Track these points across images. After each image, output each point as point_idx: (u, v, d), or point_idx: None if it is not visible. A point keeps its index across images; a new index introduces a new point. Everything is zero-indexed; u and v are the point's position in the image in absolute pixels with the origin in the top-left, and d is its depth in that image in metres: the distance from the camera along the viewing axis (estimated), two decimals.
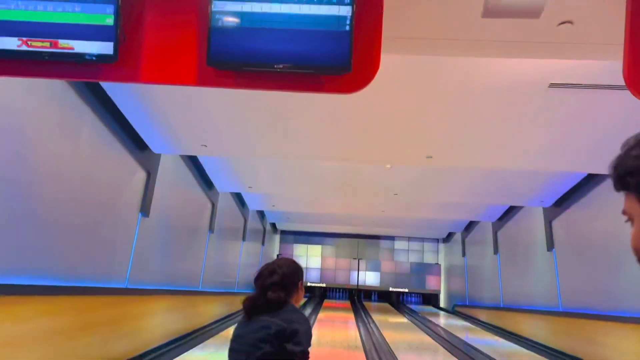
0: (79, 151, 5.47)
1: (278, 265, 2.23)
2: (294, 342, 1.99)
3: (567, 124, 5.74)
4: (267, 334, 2.02)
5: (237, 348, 2.11)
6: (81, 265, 5.69)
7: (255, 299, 2.15)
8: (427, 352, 9.66)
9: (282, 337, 2.00)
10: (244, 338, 2.09)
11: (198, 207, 10.55)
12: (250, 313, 2.14)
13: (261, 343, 2.01)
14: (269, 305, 2.10)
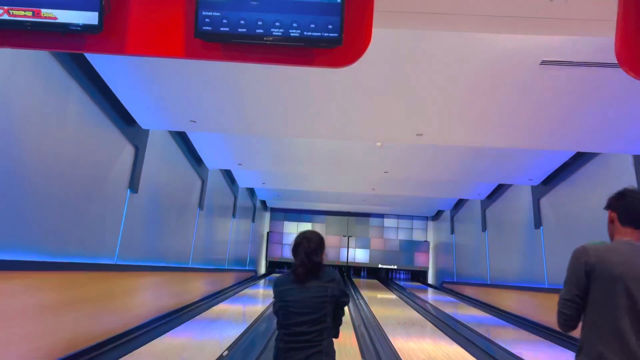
0: (66, 125, 5.38)
1: (310, 234, 2.77)
2: (344, 296, 2.73)
3: (558, 102, 5.74)
4: (326, 296, 2.63)
5: (299, 311, 2.61)
6: (69, 241, 5.65)
7: (305, 265, 2.64)
8: (415, 328, 9.82)
9: (336, 296, 2.67)
10: (305, 302, 2.61)
11: (187, 184, 10.50)
12: (304, 278, 2.63)
13: (323, 304, 2.62)
14: (314, 267, 2.65)
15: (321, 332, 2.62)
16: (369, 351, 6.96)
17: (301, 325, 2.60)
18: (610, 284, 2.04)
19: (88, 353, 5.65)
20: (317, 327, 2.60)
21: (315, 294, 2.62)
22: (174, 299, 9.51)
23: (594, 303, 2.08)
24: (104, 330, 6.31)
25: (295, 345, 2.60)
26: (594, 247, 2.17)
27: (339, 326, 2.78)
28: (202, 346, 6.83)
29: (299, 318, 2.60)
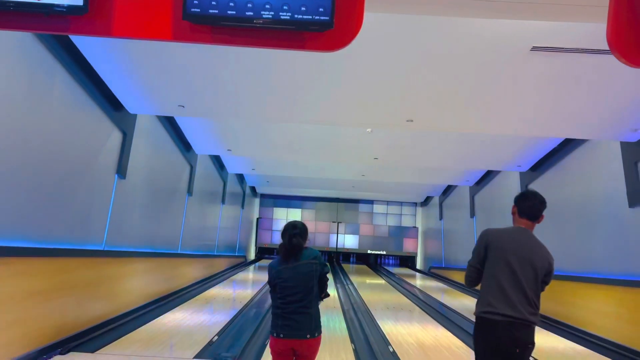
0: (51, 110, 5.29)
1: (296, 223, 3.26)
2: (325, 268, 3.26)
3: (548, 89, 5.75)
4: (312, 271, 3.16)
5: (292, 285, 3.13)
6: (56, 227, 5.60)
7: (286, 246, 3.16)
8: (403, 312, 9.92)
9: (321, 269, 3.21)
10: (296, 277, 3.14)
11: (176, 170, 10.42)
12: (286, 257, 3.17)
13: (310, 278, 3.16)
14: (294, 248, 3.15)
15: (310, 300, 3.15)
16: (357, 336, 7.02)
17: (294, 296, 3.13)
18: (498, 255, 2.92)
19: (77, 339, 5.63)
20: (306, 297, 3.14)
21: (304, 270, 3.15)
22: (163, 284, 9.50)
23: (487, 269, 2.95)
24: (93, 316, 6.29)
25: (290, 312, 3.13)
26: (494, 229, 3.08)
27: (325, 289, 3.30)
28: (192, 332, 6.84)
29: (292, 290, 3.13)
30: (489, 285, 2.91)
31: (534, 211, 3.07)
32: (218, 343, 6.11)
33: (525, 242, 3.00)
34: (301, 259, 3.16)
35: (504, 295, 2.84)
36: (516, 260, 2.89)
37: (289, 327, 3.11)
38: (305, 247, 3.23)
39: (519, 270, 2.87)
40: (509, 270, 2.87)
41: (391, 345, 6.42)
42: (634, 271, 6.91)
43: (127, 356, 5.22)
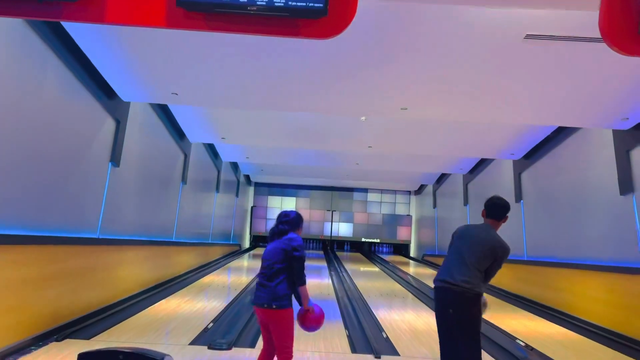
0: (43, 97, 5.26)
1: (291, 212, 3.71)
2: (294, 252, 3.48)
3: (542, 77, 5.77)
4: (279, 248, 3.51)
5: (266, 257, 3.57)
6: (50, 216, 5.59)
7: (273, 229, 3.66)
8: (396, 299, 10.01)
9: (288, 250, 3.48)
10: (270, 252, 3.56)
11: (170, 158, 10.40)
12: (270, 238, 3.65)
13: (277, 255, 3.50)
14: (279, 232, 3.60)
15: (271, 275, 3.45)
16: (352, 322, 7.09)
17: (264, 269, 3.54)
18: (456, 241, 3.76)
19: (72, 326, 5.66)
20: (269, 276, 3.47)
21: (276, 248, 3.53)
22: (158, 272, 9.53)
23: (447, 251, 3.83)
24: (88, 303, 6.32)
25: (257, 285, 3.54)
26: (464, 225, 3.96)
27: (296, 276, 3.47)
28: (187, 318, 6.88)
29: (264, 264, 3.56)
30: (444, 262, 3.78)
31: (499, 214, 3.74)
32: (213, 330, 6.16)
33: (479, 233, 3.69)
34: (281, 240, 3.56)
35: (446, 267, 3.67)
36: (464, 244, 3.66)
37: (255, 295, 3.51)
38: (294, 234, 3.60)
39: (465, 250, 3.62)
40: (457, 250, 3.68)
41: (384, 331, 6.50)
42: (625, 258, 7.01)
43: (122, 343, 5.26)
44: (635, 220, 6.92)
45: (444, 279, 3.60)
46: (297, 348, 5.30)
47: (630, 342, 6.39)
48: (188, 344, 5.39)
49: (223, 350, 5.03)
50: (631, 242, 6.93)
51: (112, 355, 2.67)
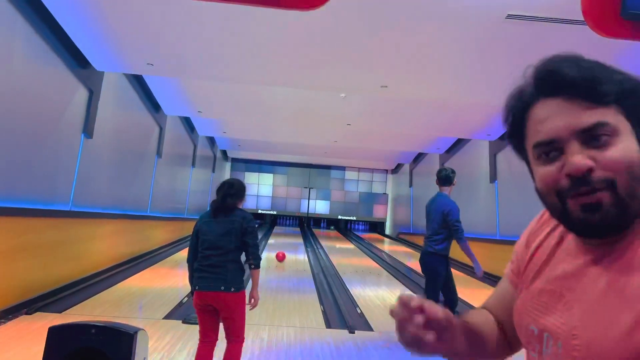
0: (12, 65, 5.05)
1: (233, 181, 3.28)
2: (251, 236, 3.16)
3: (522, 57, 5.78)
4: (232, 229, 3.11)
5: (207, 239, 3.11)
6: (20, 186, 5.43)
7: (219, 202, 3.18)
8: (371, 276, 10.14)
9: (242, 231, 3.12)
10: (216, 232, 3.12)
11: (145, 130, 10.19)
12: (215, 212, 3.17)
13: (228, 237, 3.10)
14: (227, 207, 3.16)
15: (224, 261, 3.08)
16: (327, 298, 7.17)
17: (208, 250, 3.11)
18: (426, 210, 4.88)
19: (43, 299, 5.57)
20: (221, 256, 3.08)
21: (227, 227, 3.12)
22: (133, 246, 9.42)
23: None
24: (60, 276, 6.22)
25: (204, 269, 3.09)
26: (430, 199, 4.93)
27: (251, 255, 3.14)
28: (162, 293, 6.84)
29: (207, 244, 3.12)
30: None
31: (445, 182, 4.79)
32: (188, 304, 6.14)
33: (429, 204, 4.80)
34: (229, 217, 3.15)
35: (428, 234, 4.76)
36: (427, 218, 4.82)
37: (204, 279, 3.08)
38: (240, 209, 3.23)
39: (428, 217, 4.77)
40: (426, 218, 4.86)
41: (359, 307, 6.58)
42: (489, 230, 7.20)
43: (95, 317, 5.20)
44: (496, 201, 7.12)
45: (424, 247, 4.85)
46: (271, 323, 5.35)
47: None
48: (162, 318, 5.37)
49: (197, 324, 5.01)
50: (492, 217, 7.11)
51: (84, 329, 2.62)
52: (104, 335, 2.62)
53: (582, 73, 0.72)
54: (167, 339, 4.54)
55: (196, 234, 3.20)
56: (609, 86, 0.70)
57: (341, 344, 4.79)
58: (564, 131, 0.70)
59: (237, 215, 3.15)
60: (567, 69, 0.73)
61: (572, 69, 0.72)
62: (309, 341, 4.83)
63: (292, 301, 6.67)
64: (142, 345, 2.84)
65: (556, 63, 0.77)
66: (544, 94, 0.75)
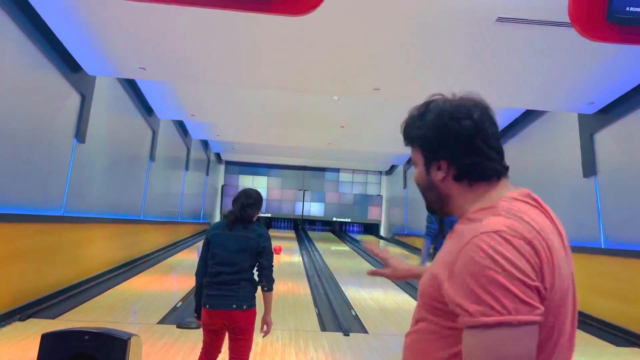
0: (3, 70, 5.03)
1: (251, 192, 3.09)
2: (266, 255, 2.95)
3: (511, 60, 5.83)
4: (248, 246, 2.90)
5: (221, 253, 2.91)
6: (11, 192, 5.41)
7: (236, 214, 2.95)
8: (366, 278, 10.14)
9: (258, 249, 2.92)
10: (229, 248, 2.91)
11: (138, 134, 10.17)
12: (232, 226, 2.94)
13: (244, 254, 2.90)
14: (244, 219, 2.95)
15: (238, 279, 2.89)
16: (321, 300, 7.17)
17: (221, 266, 2.90)
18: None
19: (36, 305, 5.54)
20: (234, 274, 2.89)
21: (239, 242, 2.91)
22: (126, 251, 9.39)
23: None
24: (53, 282, 6.19)
25: (214, 286, 2.90)
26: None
27: (265, 278, 2.95)
28: (155, 298, 6.83)
29: (220, 259, 2.91)
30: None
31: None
32: (182, 309, 6.12)
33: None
34: (245, 231, 2.94)
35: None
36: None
37: (215, 297, 2.88)
38: (258, 224, 3.04)
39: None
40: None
41: (354, 309, 6.60)
42: (586, 240, 7.26)
43: (89, 322, 5.18)
44: (597, 202, 7.16)
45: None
46: None
47: (590, 320, 6.66)
48: (156, 323, 5.35)
49: (192, 329, 5.01)
50: (593, 223, 7.17)
51: (77, 336, 2.62)
52: (98, 342, 2.62)
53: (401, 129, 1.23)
54: (161, 344, 4.53)
55: (207, 244, 2.99)
56: (409, 136, 1.19)
57: (336, 347, 4.80)
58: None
59: (254, 231, 2.95)
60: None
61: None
62: (304, 344, 4.84)
63: (286, 304, 6.67)
64: (136, 351, 2.84)
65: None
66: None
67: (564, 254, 0.97)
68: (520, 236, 0.89)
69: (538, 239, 0.91)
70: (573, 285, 1.00)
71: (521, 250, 0.87)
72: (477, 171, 1.06)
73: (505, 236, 0.88)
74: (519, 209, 0.97)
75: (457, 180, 1.07)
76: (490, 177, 1.07)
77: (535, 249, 0.89)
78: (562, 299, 0.93)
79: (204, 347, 3.04)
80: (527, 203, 1.01)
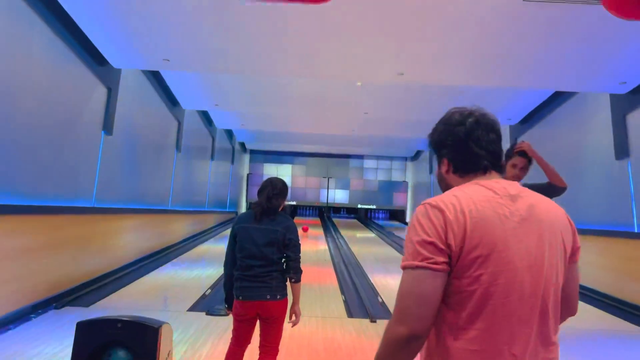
0: (32, 65, 5.14)
1: (276, 181, 3.05)
2: (294, 248, 2.94)
3: (539, 40, 5.67)
4: (276, 239, 2.89)
5: (249, 246, 2.90)
6: (44, 185, 5.56)
7: (263, 205, 2.94)
8: (393, 264, 10.13)
9: (285, 239, 2.91)
10: (256, 240, 2.90)
11: (163, 125, 10.30)
12: (260, 218, 2.93)
13: (272, 246, 2.89)
14: (271, 210, 2.94)
15: (269, 271, 2.89)
16: (347, 287, 7.19)
17: (251, 260, 2.90)
18: None
19: (71, 294, 5.71)
20: (265, 267, 2.89)
21: (267, 235, 2.90)
22: (155, 240, 9.58)
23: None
24: (86, 271, 6.36)
25: (246, 278, 2.90)
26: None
27: (292, 269, 2.94)
28: (185, 285, 6.95)
29: (249, 253, 2.90)
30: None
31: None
32: (211, 296, 6.23)
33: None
34: (272, 224, 2.93)
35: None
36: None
37: (248, 289, 2.89)
38: (284, 215, 3.02)
39: None
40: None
41: (380, 296, 6.59)
42: (618, 222, 7.07)
43: (120, 310, 5.32)
44: (630, 185, 6.96)
45: None
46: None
47: (622, 304, 6.52)
48: (186, 310, 5.46)
49: (221, 316, 5.10)
50: (625, 206, 6.97)
51: (110, 324, 2.69)
52: (130, 330, 2.68)
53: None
54: (191, 331, 4.63)
55: (234, 237, 2.98)
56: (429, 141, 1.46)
57: (363, 333, 4.82)
58: None
59: (280, 223, 2.93)
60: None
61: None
62: (331, 331, 4.87)
63: (313, 291, 6.72)
64: (167, 338, 2.90)
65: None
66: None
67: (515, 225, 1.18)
68: (435, 205, 1.18)
69: (454, 208, 1.16)
70: (541, 255, 1.19)
71: (430, 215, 1.17)
72: (467, 166, 1.32)
73: (426, 205, 1.20)
74: (464, 189, 1.24)
75: (454, 173, 1.35)
76: (476, 170, 1.31)
77: (443, 215, 1.16)
78: (488, 258, 1.14)
79: (235, 337, 3.03)
80: (481, 186, 1.25)
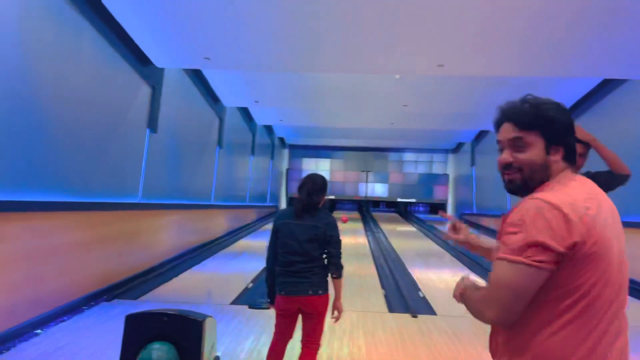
0: (81, 67, 5.35)
1: (316, 177, 3.04)
2: (334, 246, 2.93)
3: (582, 27, 5.45)
4: (317, 235, 2.90)
5: (291, 243, 2.91)
6: (93, 182, 5.79)
7: (304, 201, 2.94)
8: (433, 258, 10.02)
9: (327, 235, 2.91)
10: (297, 237, 2.91)
11: (205, 122, 10.52)
12: (300, 214, 2.93)
13: (314, 242, 2.90)
14: (311, 206, 2.95)
15: (311, 267, 2.91)
16: (388, 282, 7.17)
17: (293, 256, 2.92)
18: None
19: (119, 287, 5.94)
20: (307, 263, 2.91)
21: (308, 231, 2.91)
22: (199, 235, 9.82)
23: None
24: (133, 265, 6.59)
25: (287, 273, 2.93)
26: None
27: (334, 265, 2.95)
28: (228, 279, 7.10)
29: (291, 249, 2.92)
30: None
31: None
32: (253, 290, 6.34)
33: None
34: (313, 220, 2.93)
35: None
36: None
37: (290, 284, 2.91)
38: (324, 211, 3.02)
39: None
40: None
41: (421, 290, 6.54)
42: None
43: (167, 303, 5.48)
44: None
45: None
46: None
47: None
48: (229, 304, 5.57)
49: (263, 309, 5.19)
50: None
51: (157, 317, 2.79)
52: (175, 324, 2.77)
53: (514, 112, 1.33)
54: (234, 324, 4.73)
55: (275, 233, 3.01)
56: (528, 118, 1.30)
57: (404, 328, 4.79)
58: (502, 138, 1.36)
59: (321, 219, 2.94)
60: (507, 110, 1.35)
61: (510, 110, 1.34)
62: (372, 325, 4.87)
63: (353, 285, 6.73)
64: (211, 331, 2.98)
65: (507, 106, 1.36)
66: (504, 120, 1.36)
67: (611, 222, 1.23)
68: (555, 205, 1.17)
69: (571, 208, 1.17)
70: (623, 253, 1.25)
71: (547, 215, 1.17)
72: (573, 156, 1.32)
73: (544, 204, 1.19)
74: (568, 184, 1.26)
75: (563, 161, 1.31)
76: (573, 163, 1.33)
77: (563, 215, 1.16)
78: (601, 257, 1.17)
79: (277, 332, 3.05)
80: (578, 182, 1.29)
